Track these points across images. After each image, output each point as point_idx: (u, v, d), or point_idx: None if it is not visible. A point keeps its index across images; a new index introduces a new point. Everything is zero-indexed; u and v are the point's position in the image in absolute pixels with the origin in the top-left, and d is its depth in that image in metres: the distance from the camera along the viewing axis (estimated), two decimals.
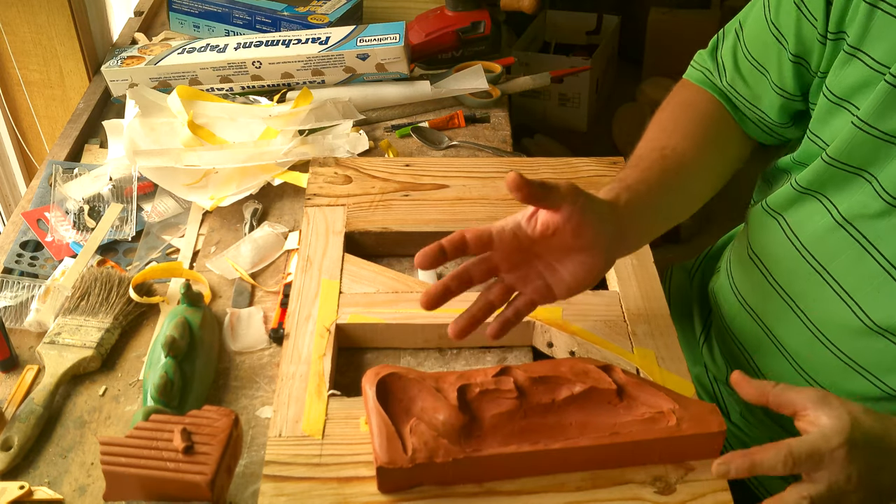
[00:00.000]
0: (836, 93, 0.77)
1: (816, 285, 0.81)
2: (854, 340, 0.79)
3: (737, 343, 0.93)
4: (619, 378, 0.72)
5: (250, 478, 0.74)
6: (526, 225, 0.74)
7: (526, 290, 0.77)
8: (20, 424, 0.77)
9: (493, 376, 0.72)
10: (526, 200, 0.70)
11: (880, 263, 0.76)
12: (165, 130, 1.11)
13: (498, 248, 0.75)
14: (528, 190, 0.69)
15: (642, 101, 2.27)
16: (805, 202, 0.82)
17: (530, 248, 0.75)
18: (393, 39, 1.22)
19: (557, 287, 0.76)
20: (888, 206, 0.74)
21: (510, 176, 0.68)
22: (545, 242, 0.74)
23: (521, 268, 0.76)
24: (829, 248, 0.79)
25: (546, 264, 0.76)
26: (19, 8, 1.32)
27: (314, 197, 1.00)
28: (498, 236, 0.74)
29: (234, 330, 0.89)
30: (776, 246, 0.86)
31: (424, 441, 0.68)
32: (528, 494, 0.69)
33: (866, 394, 0.80)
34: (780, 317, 0.86)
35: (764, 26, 0.84)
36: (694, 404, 0.71)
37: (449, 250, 0.73)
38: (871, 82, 0.73)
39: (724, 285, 0.96)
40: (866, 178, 0.76)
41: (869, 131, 0.73)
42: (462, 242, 0.73)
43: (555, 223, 0.72)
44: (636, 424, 0.70)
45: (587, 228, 0.72)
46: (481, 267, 0.76)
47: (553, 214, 0.72)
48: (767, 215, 0.87)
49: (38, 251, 1.00)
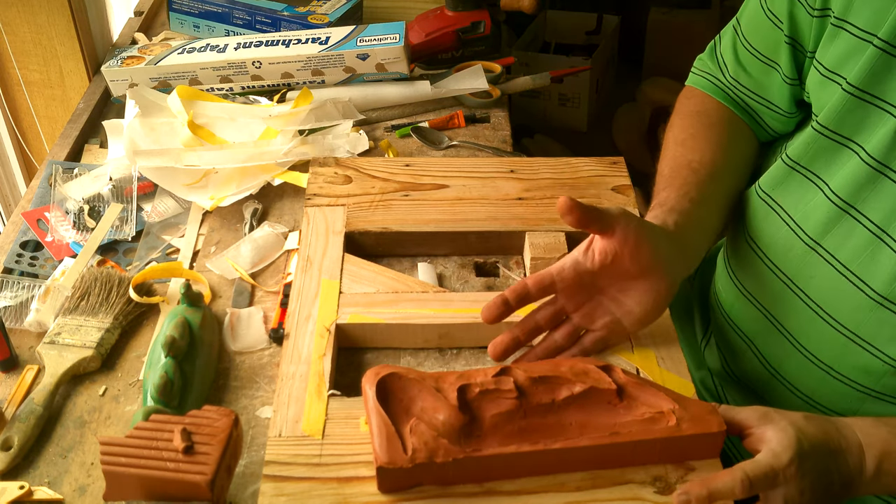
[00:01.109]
0: (826, 65, 0.78)
1: (813, 263, 0.82)
2: (855, 313, 0.79)
3: (738, 331, 0.93)
4: (619, 378, 0.72)
5: (250, 478, 0.74)
6: (583, 259, 0.75)
7: (595, 326, 0.78)
8: (20, 424, 0.77)
9: (493, 376, 0.71)
10: (578, 224, 0.71)
11: (870, 230, 0.77)
12: (165, 130, 1.11)
13: (560, 288, 0.76)
14: (580, 213, 0.70)
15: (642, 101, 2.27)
16: (796, 181, 0.83)
17: (593, 282, 0.76)
18: (393, 39, 1.22)
19: (627, 319, 0.77)
20: (873, 172, 0.75)
21: (561, 200, 0.69)
22: (606, 273, 0.75)
23: (586, 305, 0.77)
24: (822, 223, 0.80)
25: (611, 297, 0.77)
26: (19, 8, 1.32)
27: (314, 197, 1.00)
28: (559, 276, 0.75)
29: (234, 330, 0.89)
30: (770, 228, 0.86)
31: (424, 441, 0.68)
32: (528, 494, 0.69)
33: (870, 368, 0.80)
34: (780, 298, 0.86)
35: (761, 14, 0.86)
36: (694, 404, 0.71)
37: (513, 300, 0.74)
38: (858, 51, 0.74)
39: (723, 274, 0.96)
40: (853, 148, 0.77)
41: (861, 96, 0.75)
42: (524, 290, 0.74)
43: (612, 249, 0.73)
44: (636, 424, 0.70)
45: (644, 249, 0.73)
46: (547, 311, 0.77)
47: (608, 241, 0.73)
48: (760, 199, 0.88)
49: (38, 251, 1.00)
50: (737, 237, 0.93)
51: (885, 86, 0.73)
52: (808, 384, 0.86)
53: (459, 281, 0.95)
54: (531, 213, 0.97)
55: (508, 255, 0.97)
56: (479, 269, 0.97)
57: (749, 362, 0.92)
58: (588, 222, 0.71)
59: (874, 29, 0.73)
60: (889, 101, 0.73)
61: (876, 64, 0.73)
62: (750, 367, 0.92)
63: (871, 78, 0.74)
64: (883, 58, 0.72)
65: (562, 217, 0.71)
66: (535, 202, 0.99)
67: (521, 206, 0.98)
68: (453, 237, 0.96)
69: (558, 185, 1.01)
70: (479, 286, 0.94)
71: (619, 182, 1.02)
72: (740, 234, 0.92)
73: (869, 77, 0.74)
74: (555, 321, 0.78)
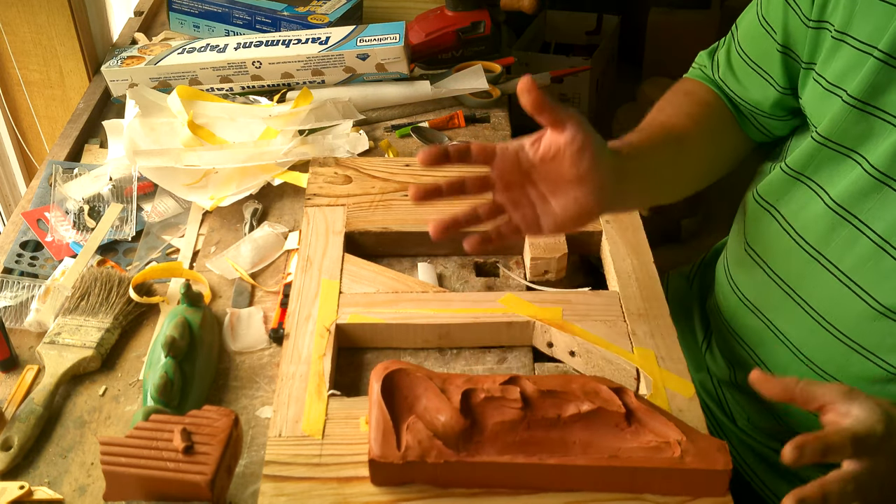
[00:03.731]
0: (829, 79, 0.78)
1: (814, 272, 0.82)
2: (857, 323, 0.79)
3: (738, 340, 0.93)
4: (631, 402, 0.70)
5: (250, 478, 0.74)
6: (529, 148, 0.75)
7: (515, 215, 0.78)
8: (20, 424, 0.77)
9: (500, 384, 0.71)
10: (532, 107, 0.70)
11: (873, 241, 0.76)
12: (165, 130, 1.11)
13: (498, 164, 0.76)
14: (537, 97, 0.70)
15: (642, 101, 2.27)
16: (797, 190, 0.83)
17: (528, 172, 0.76)
18: (393, 39, 1.22)
19: (545, 219, 0.77)
20: (877, 183, 0.75)
21: (524, 78, 0.69)
22: (544, 167, 0.75)
23: (514, 190, 0.77)
24: (824, 233, 0.80)
25: (539, 194, 0.76)
26: (19, 8, 1.32)
27: (314, 197, 1.00)
28: (501, 151, 0.75)
29: (234, 330, 0.89)
30: (771, 237, 0.86)
31: (419, 440, 0.68)
32: (528, 494, 0.69)
33: (871, 376, 0.79)
34: (781, 308, 0.86)
35: (755, 22, 0.87)
36: (703, 439, 0.69)
37: (453, 154, 0.74)
38: (859, 63, 0.74)
39: (723, 283, 0.96)
40: (856, 159, 0.77)
41: (863, 108, 0.75)
42: (466, 150, 0.75)
43: (557, 145, 0.73)
44: (639, 451, 0.68)
45: (587, 156, 0.72)
46: (477, 179, 0.77)
47: (556, 136, 0.73)
48: (760, 207, 0.88)
49: (38, 251, 1.00)
50: (737, 246, 0.93)
51: (887, 98, 0.73)
52: None
53: (459, 281, 0.95)
54: None
55: (508, 255, 0.97)
56: (479, 269, 0.97)
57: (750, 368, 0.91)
58: (542, 109, 0.71)
59: (874, 41, 0.73)
60: (891, 113, 0.73)
61: (877, 76, 0.73)
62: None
63: (872, 90, 0.74)
64: (884, 70, 0.72)
65: (519, 96, 0.70)
66: None
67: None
68: (453, 237, 0.96)
69: None
70: (479, 286, 0.94)
71: None
72: (740, 243, 0.92)
73: (870, 89, 0.74)
74: (479, 190, 0.78)
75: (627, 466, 0.68)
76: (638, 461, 0.68)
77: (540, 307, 0.86)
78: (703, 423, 0.75)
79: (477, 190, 0.77)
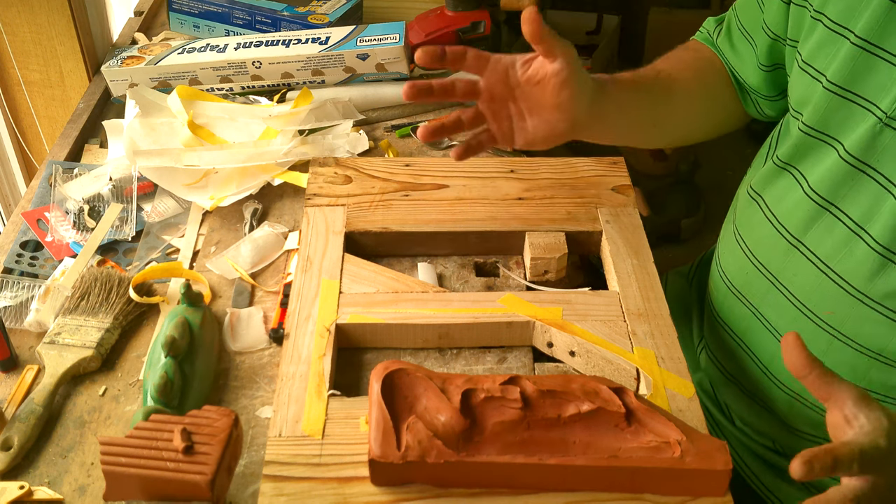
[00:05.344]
0: (804, 58, 0.80)
1: (795, 260, 0.82)
2: (837, 310, 0.79)
3: (727, 329, 0.93)
4: (631, 402, 0.70)
5: (250, 478, 0.74)
6: (520, 67, 0.82)
7: (493, 125, 0.86)
8: (20, 424, 0.77)
9: (500, 384, 0.71)
10: (532, 35, 0.77)
11: (848, 227, 0.77)
12: (165, 130, 1.11)
13: (488, 75, 0.83)
14: (539, 27, 0.76)
15: None
16: (780, 178, 0.84)
17: (513, 88, 0.83)
18: (393, 39, 1.22)
19: (518, 135, 0.85)
20: (852, 169, 0.76)
21: (529, 8, 0.75)
22: (528, 89, 0.82)
23: (496, 102, 0.84)
24: (803, 221, 0.81)
25: (518, 111, 0.84)
26: (19, 8, 1.32)
27: (314, 197, 1.00)
28: (493, 63, 0.82)
29: (234, 330, 0.89)
30: (756, 225, 0.87)
31: (419, 440, 0.68)
32: (528, 494, 0.69)
33: (855, 364, 0.80)
34: (765, 295, 0.87)
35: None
36: (703, 440, 0.69)
37: (450, 55, 0.81)
38: (829, 42, 0.76)
39: (714, 274, 0.96)
40: (833, 145, 0.77)
41: (842, 94, 0.76)
42: (462, 53, 0.81)
43: (544, 73, 0.80)
44: (639, 451, 0.68)
45: (566, 89, 0.80)
46: (466, 83, 0.84)
47: (545, 65, 0.79)
48: (750, 198, 0.89)
49: (38, 251, 1.00)
50: (728, 236, 0.93)
51: (865, 83, 0.74)
52: (797, 382, 0.85)
53: (459, 281, 0.95)
54: (531, 213, 0.97)
55: (508, 255, 0.97)
56: (479, 269, 0.97)
57: (740, 360, 0.92)
58: (540, 39, 0.77)
59: (845, 22, 0.74)
60: (868, 98, 0.74)
61: (856, 62, 0.74)
62: (741, 366, 0.92)
63: (851, 76, 0.75)
64: (862, 56, 0.73)
65: (522, 24, 0.76)
66: (535, 202, 0.99)
67: (521, 206, 0.98)
68: (453, 237, 0.96)
69: (558, 185, 1.01)
70: (479, 286, 0.94)
71: (619, 182, 1.02)
72: (731, 233, 0.92)
73: (850, 75, 0.75)
74: (467, 95, 0.84)
75: (627, 466, 0.68)
76: (638, 461, 0.68)
77: (540, 307, 0.86)
78: (703, 423, 0.75)
79: (464, 94, 0.84)
